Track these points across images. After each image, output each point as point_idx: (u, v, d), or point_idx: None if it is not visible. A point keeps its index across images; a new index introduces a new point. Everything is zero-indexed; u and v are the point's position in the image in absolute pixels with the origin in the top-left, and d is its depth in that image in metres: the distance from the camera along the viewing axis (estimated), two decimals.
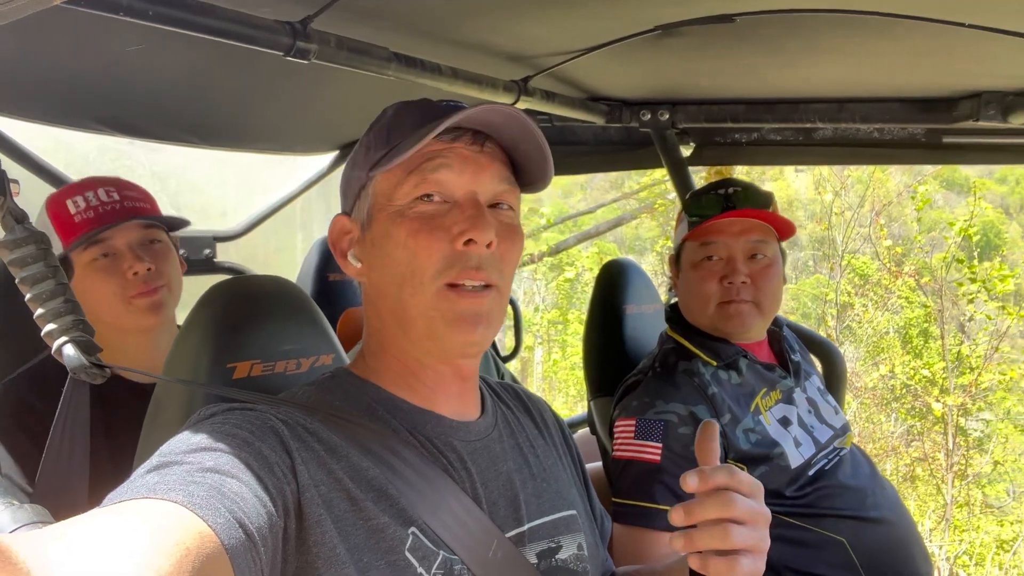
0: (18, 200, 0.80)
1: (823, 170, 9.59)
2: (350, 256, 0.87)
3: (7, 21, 0.54)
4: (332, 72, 1.24)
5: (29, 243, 0.74)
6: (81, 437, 0.82)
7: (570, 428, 1.08)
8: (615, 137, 2.11)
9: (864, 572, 1.31)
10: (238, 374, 0.93)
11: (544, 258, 9.78)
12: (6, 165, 0.84)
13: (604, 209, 10.49)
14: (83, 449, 0.82)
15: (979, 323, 7.65)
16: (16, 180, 1.75)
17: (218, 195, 3.03)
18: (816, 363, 1.75)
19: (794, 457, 1.36)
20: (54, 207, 1.36)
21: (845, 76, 1.61)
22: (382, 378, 0.86)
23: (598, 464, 1.79)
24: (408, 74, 1.33)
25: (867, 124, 1.76)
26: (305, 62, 1.13)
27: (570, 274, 10.62)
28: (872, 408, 8.86)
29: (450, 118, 0.78)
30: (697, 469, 0.75)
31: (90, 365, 0.75)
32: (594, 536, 0.99)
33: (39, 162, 1.79)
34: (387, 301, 0.83)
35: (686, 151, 2.04)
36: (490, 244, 0.80)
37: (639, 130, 1.96)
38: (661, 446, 1.30)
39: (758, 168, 8.53)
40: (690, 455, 1.31)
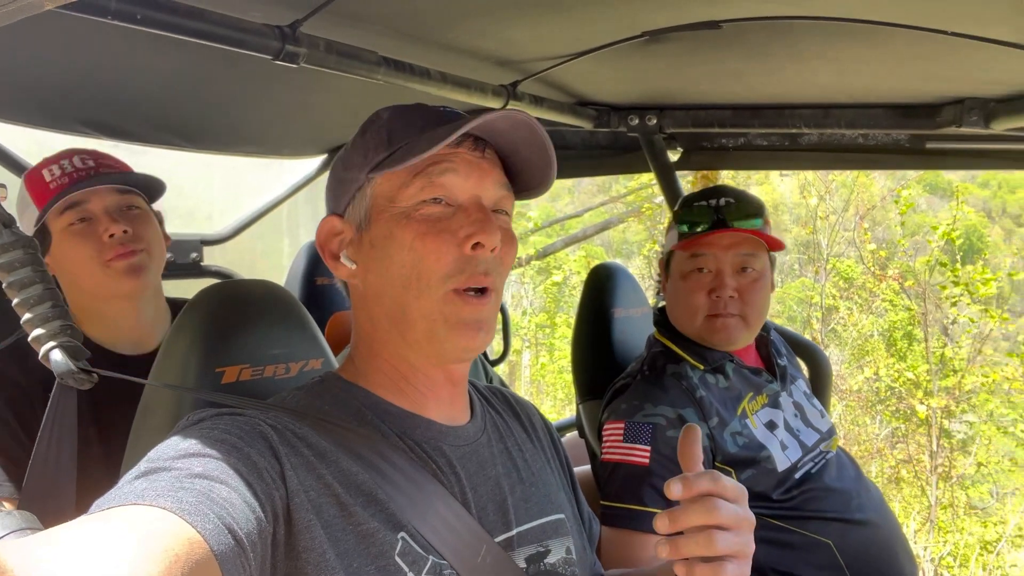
0: (3, 204, 0.80)
1: (808, 174, 9.66)
2: (342, 257, 0.86)
3: None
4: (321, 76, 1.24)
5: (16, 247, 0.74)
6: (68, 442, 0.81)
7: (559, 431, 1.08)
8: (603, 142, 2.13)
9: (850, 574, 1.32)
10: (227, 378, 0.93)
11: (532, 262, 9.80)
12: None
13: (592, 213, 10.51)
14: (71, 454, 0.82)
15: (962, 326, 7.72)
16: (3, 184, 1.74)
17: (204, 198, 3.00)
18: (802, 366, 1.76)
19: (781, 460, 1.37)
20: (31, 177, 1.36)
21: (830, 82, 1.62)
22: (372, 382, 0.86)
23: (587, 467, 1.79)
24: (397, 78, 1.33)
25: (852, 130, 1.78)
26: (294, 66, 1.13)
27: (558, 278, 10.65)
28: (857, 410, 8.93)
29: (469, 123, 0.77)
30: (681, 476, 0.75)
31: (78, 371, 0.75)
32: (582, 540, 1.00)
33: (22, 163, 1.77)
34: (384, 303, 0.82)
35: (673, 156, 2.05)
36: (495, 248, 0.80)
37: (627, 135, 1.97)
38: (650, 449, 1.31)
39: (744, 172, 8.58)
40: (678, 458, 1.32)
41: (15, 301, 0.76)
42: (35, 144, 2.09)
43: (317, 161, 2.26)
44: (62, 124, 1.61)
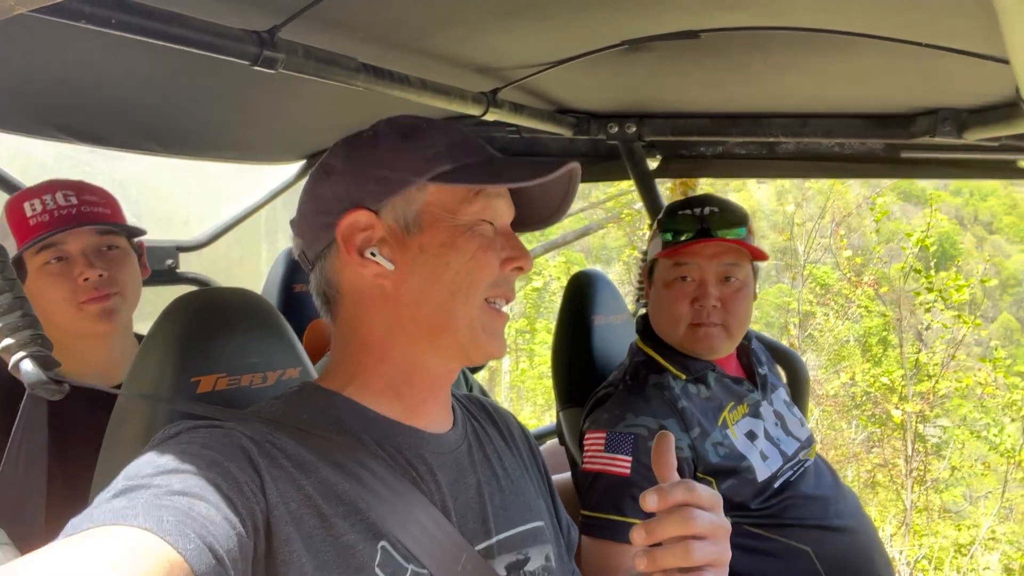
0: None
1: (784, 182, 9.79)
2: (376, 255, 0.83)
3: None
4: (299, 81, 1.22)
5: None
6: (39, 455, 0.80)
7: (539, 439, 1.08)
8: (583, 149, 2.13)
9: None
10: (203, 388, 0.91)
11: None
12: None
13: (571, 219, 10.53)
14: (40, 467, 0.80)
15: (936, 332, 7.84)
16: None
17: (181, 203, 2.97)
18: (782, 374, 1.77)
19: (761, 470, 1.38)
20: (12, 208, 1.34)
21: (807, 92, 1.64)
22: (362, 388, 0.85)
23: (567, 475, 1.79)
24: (377, 85, 1.32)
25: (828, 139, 1.80)
26: (272, 72, 1.12)
27: (538, 283, 10.65)
28: (834, 415, 9.03)
29: (563, 167, 0.83)
30: (656, 488, 0.75)
31: (49, 380, 0.74)
32: (561, 548, 0.99)
33: (9, 180, 1.74)
34: (425, 306, 0.83)
35: (653, 163, 2.06)
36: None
37: (606, 142, 1.97)
38: (631, 459, 1.31)
39: (721, 179, 8.66)
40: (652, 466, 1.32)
41: None
42: (11, 148, 2.05)
43: (296, 167, 2.24)
44: (37, 129, 1.58)
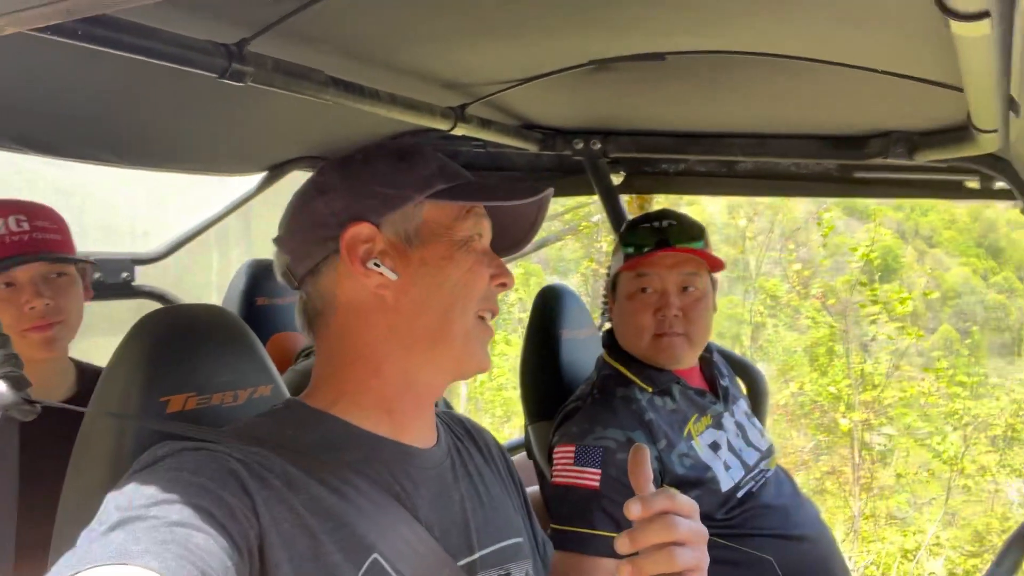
0: None
1: (736, 196, 9.99)
2: (381, 267, 0.84)
3: None
4: (264, 94, 1.21)
5: None
6: (9, 479, 0.77)
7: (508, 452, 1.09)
8: (548, 164, 2.15)
9: None
10: (172, 408, 0.89)
11: None
12: None
13: None
14: (12, 491, 0.77)
15: (880, 343, 8.08)
16: None
17: (127, 213, 2.89)
18: (742, 386, 1.81)
19: (724, 481, 1.40)
20: None
21: (766, 114, 1.69)
22: (348, 406, 0.85)
23: (535, 488, 1.79)
24: (346, 99, 1.32)
25: (785, 158, 1.85)
26: (240, 84, 1.11)
27: None
28: (783, 424, 9.23)
29: (544, 193, 0.91)
30: (638, 497, 0.76)
31: (22, 401, 0.72)
32: (538, 564, 1.01)
33: None
34: (426, 316, 0.85)
35: (617, 179, 2.09)
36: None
37: (572, 158, 2.00)
38: (600, 472, 1.32)
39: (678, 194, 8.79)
40: (628, 480, 1.33)
41: None
42: None
43: (257, 178, 2.20)
44: None
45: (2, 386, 0.71)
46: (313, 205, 0.87)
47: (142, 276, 2.18)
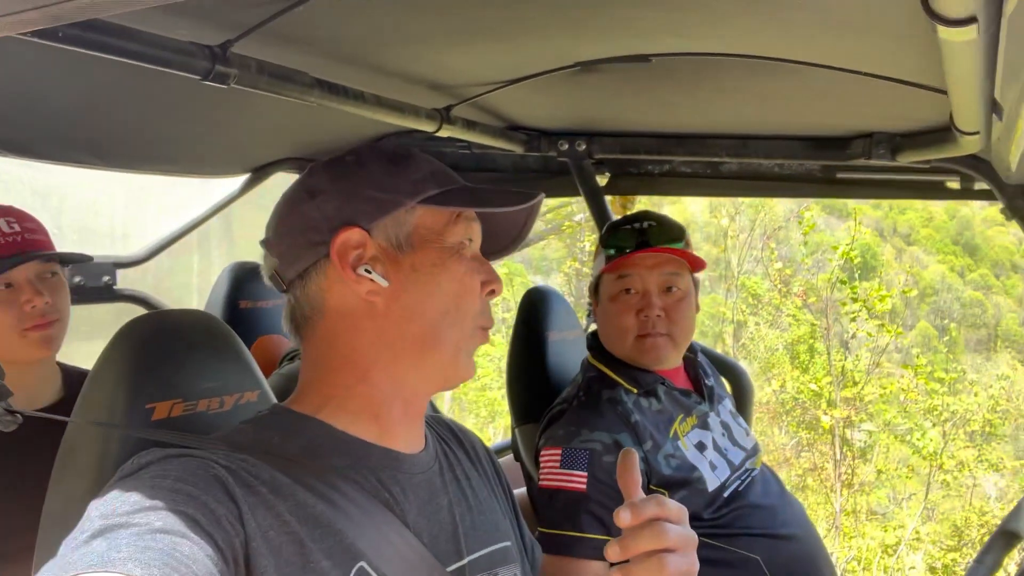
0: None
1: None
2: (371, 273, 0.83)
3: None
4: (247, 95, 1.20)
5: None
6: None
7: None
8: (533, 165, 2.15)
9: None
10: (158, 415, 0.88)
11: None
12: None
13: None
14: None
15: (860, 340, 8.17)
16: None
17: (106, 215, 2.85)
18: (728, 386, 1.82)
19: (711, 480, 1.41)
20: None
21: (750, 115, 1.70)
22: (335, 411, 0.84)
23: (522, 490, 1.79)
24: (331, 100, 1.31)
25: (768, 159, 1.86)
26: (224, 87, 1.10)
27: None
28: (765, 422, 9.31)
29: (536, 197, 0.89)
30: (628, 503, 0.76)
31: (4, 412, 0.70)
32: (526, 567, 1.00)
33: None
34: (416, 324, 0.84)
35: (601, 180, 2.10)
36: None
37: (557, 159, 2.00)
38: (586, 475, 1.32)
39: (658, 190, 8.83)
40: (615, 483, 1.33)
41: None
42: None
43: (240, 180, 2.18)
44: None
45: None
46: (303, 208, 0.86)
47: (122, 279, 2.15)
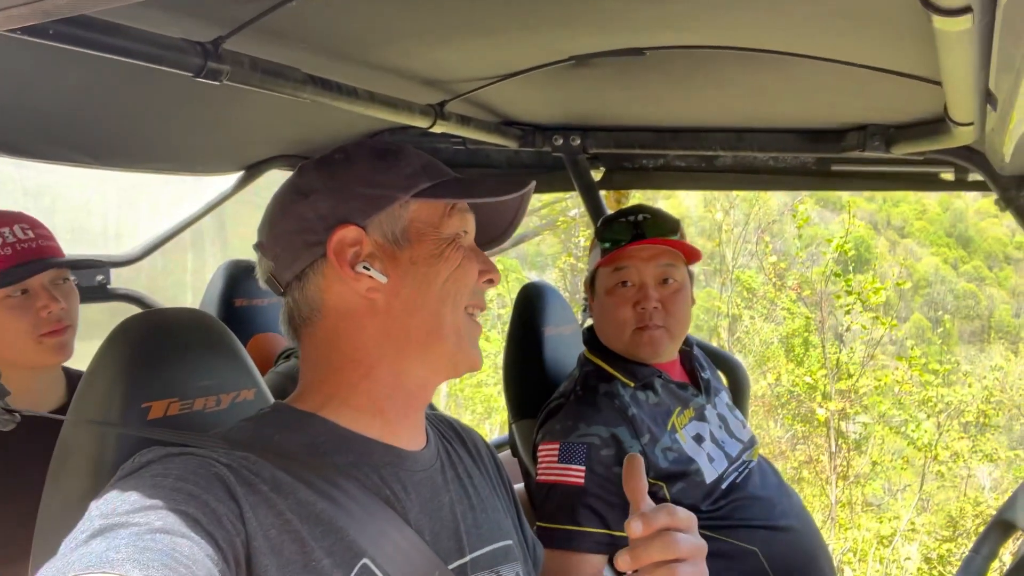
0: None
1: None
2: (370, 270, 0.83)
3: None
4: (241, 92, 1.20)
5: None
6: None
7: None
8: (528, 161, 2.15)
9: None
10: (154, 414, 0.87)
11: None
12: None
13: None
14: None
15: (855, 332, 8.20)
16: None
17: (98, 215, 2.84)
18: (723, 379, 1.83)
19: (708, 472, 1.41)
20: None
21: (745, 108, 1.70)
22: (338, 407, 0.84)
23: (520, 486, 1.80)
24: (324, 97, 1.30)
25: (763, 152, 1.86)
26: (216, 83, 1.09)
27: None
28: (761, 415, 9.33)
29: (527, 186, 0.89)
30: (639, 514, 0.75)
31: (1, 411, 0.70)
32: (528, 565, 1.00)
33: None
34: (419, 316, 0.85)
35: (596, 175, 2.09)
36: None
37: (551, 154, 2.00)
38: (584, 469, 1.32)
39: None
40: (613, 476, 1.34)
41: None
42: None
43: (234, 178, 2.17)
44: None
45: None
46: (296, 209, 0.85)
47: (116, 278, 2.14)
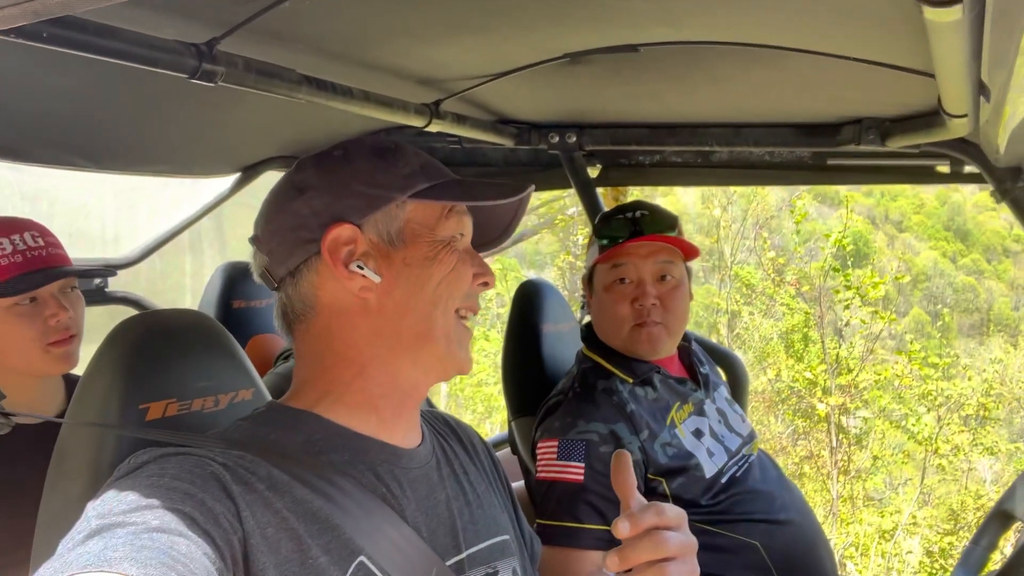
0: None
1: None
2: (364, 269, 0.83)
3: None
4: (236, 93, 1.20)
5: None
6: None
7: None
8: (524, 159, 2.15)
9: (777, 573, 1.37)
10: (152, 415, 0.88)
11: None
12: None
13: None
14: None
15: (854, 327, 8.20)
16: None
17: (96, 218, 2.84)
18: (722, 374, 1.83)
19: (708, 467, 1.41)
20: None
21: (740, 103, 1.70)
22: (333, 404, 0.84)
23: (520, 483, 1.80)
24: (319, 97, 1.30)
25: (759, 147, 1.86)
26: (211, 85, 1.09)
27: None
28: (761, 411, 9.33)
29: (526, 190, 0.88)
30: (627, 514, 0.74)
31: None
32: (526, 560, 1.00)
33: None
34: (410, 317, 0.84)
35: (593, 172, 2.09)
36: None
37: (547, 152, 2.00)
38: (583, 466, 1.32)
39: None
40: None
41: None
42: None
43: (230, 179, 2.17)
44: None
45: None
46: (292, 205, 0.85)
47: (114, 282, 2.14)
